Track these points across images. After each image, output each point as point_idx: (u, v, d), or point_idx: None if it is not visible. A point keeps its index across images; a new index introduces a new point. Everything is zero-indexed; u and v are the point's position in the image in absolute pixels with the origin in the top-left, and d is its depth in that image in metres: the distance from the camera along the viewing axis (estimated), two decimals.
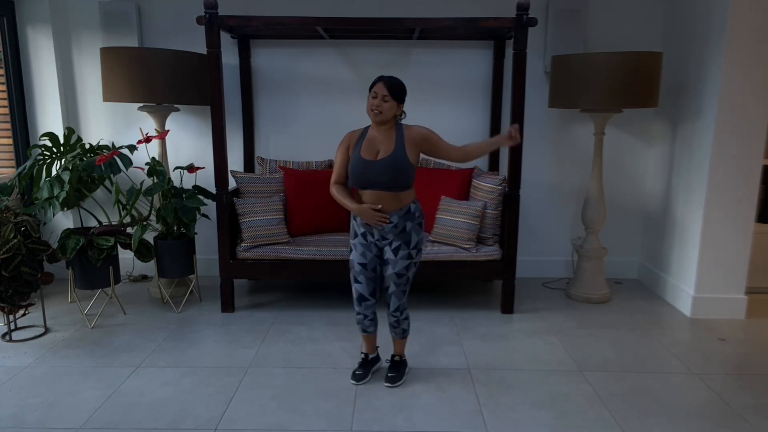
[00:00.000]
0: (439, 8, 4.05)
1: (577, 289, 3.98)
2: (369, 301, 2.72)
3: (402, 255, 2.62)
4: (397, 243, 2.61)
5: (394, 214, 2.58)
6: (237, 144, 4.27)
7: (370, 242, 2.67)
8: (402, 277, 2.65)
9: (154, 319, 3.60)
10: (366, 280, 2.69)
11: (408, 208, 2.61)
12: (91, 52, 4.17)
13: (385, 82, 2.51)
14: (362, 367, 2.84)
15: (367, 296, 2.71)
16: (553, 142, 4.28)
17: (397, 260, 2.62)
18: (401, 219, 2.59)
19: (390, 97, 2.51)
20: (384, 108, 2.51)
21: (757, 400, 2.67)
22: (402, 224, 2.60)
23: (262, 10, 4.06)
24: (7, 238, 3.06)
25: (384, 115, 2.52)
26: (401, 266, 2.63)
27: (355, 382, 2.78)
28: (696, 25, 3.67)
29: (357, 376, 2.80)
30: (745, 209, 3.56)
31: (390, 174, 2.53)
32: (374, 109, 2.51)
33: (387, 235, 2.62)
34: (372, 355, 2.89)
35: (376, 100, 2.51)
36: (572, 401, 2.64)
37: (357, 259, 2.68)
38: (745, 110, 3.43)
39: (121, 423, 2.45)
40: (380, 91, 2.51)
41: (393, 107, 2.53)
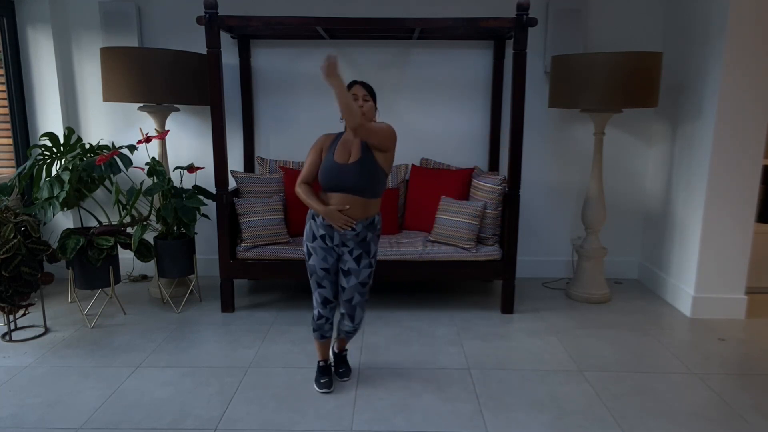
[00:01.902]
0: (439, 8, 4.05)
1: (577, 289, 3.98)
2: (333, 303, 2.68)
3: (364, 264, 2.60)
4: (358, 251, 2.58)
5: (359, 222, 2.54)
6: (237, 144, 4.27)
7: (330, 246, 2.61)
8: (365, 286, 2.64)
9: (154, 319, 3.60)
10: (330, 284, 2.64)
11: (372, 219, 2.58)
12: (91, 52, 4.17)
13: (363, 84, 2.54)
14: (325, 374, 2.77)
15: (332, 299, 2.66)
16: (553, 142, 4.28)
17: (360, 269, 2.59)
18: (364, 229, 2.56)
19: (369, 97, 2.52)
20: (366, 108, 2.49)
21: (757, 400, 2.67)
22: (364, 234, 2.57)
23: (262, 10, 4.06)
24: (7, 238, 3.06)
25: (366, 116, 2.49)
26: (365, 275, 2.61)
27: (327, 390, 2.71)
28: (696, 25, 3.67)
29: (324, 384, 2.72)
30: (745, 209, 3.56)
31: (362, 177, 2.48)
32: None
33: (347, 242, 2.57)
34: (329, 361, 2.84)
35: (357, 101, 2.49)
36: (572, 401, 2.64)
37: (319, 264, 2.61)
38: (745, 110, 3.43)
39: (121, 423, 2.45)
40: (360, 92, 2.51)
41: (372, 108, 2.53)
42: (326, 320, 2.69)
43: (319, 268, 2.62)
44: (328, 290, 2.65)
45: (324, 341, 2.76)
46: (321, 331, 2.71)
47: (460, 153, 4.23)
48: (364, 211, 2.54)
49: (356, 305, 2.64)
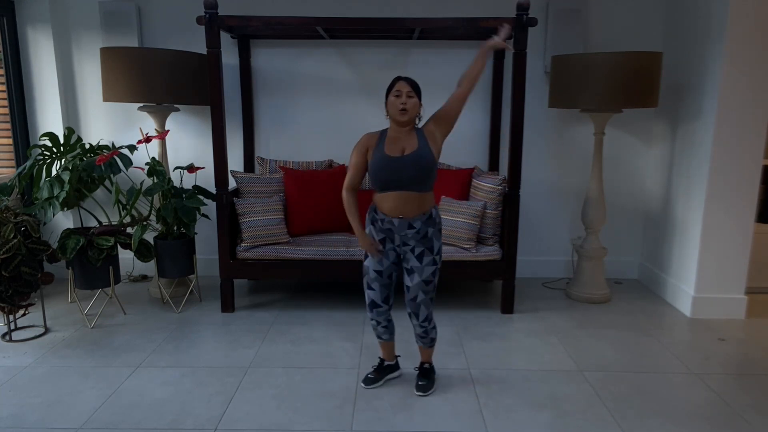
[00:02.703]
0: (439, 8, 4.05)
1: (577, 289, 3.98)
2: (381, 307, 2.62)
3: (427, 261, 2.51)
4: (420, 249, 2.51)
5: (417, 219, 2.47)
6: (237, 144, 4.27)
7: (389, 249, 2.56)
8: (430, 284, 2.54)
9: (154, 319, 3.60)
10: (380, 287, 2.58)
11: (430, 213, 2.50)
12: (91, 52, 4.17)
13: (407, 80, 2.46)
14: (376, 371, 2.78)
15: (380, 303, 2.61)
16: (553, 142, 4.28)
17: (423, 267, 2.51)
18: (423, 225, 2.49)
19: (414, 93, 2.45)
20: (409, 105, 2.43)
21: (757, 400, 2.67)
22: (424, 230, 2.49)
23: (262, 10, 4.06)
24: (7, 238, 3.06)
25: (410, 113, 2.44)
26: (428, 273, 2.52)
27: (364, 385, 2.73)
28: (696, 25, 3.67)
29: (368, 379, 2.74)
30: (745, 209, 3.56)
31: (417, 170, 2.42)
32: (401, 107, 2.42)
33: (408, 241, 2.51)
34: (389, 362, 2.81)
35: (401, 98, 2.43)
36: (572, 401, 2.64)
37: (373, 266, 2.56)
38: (745, 110, 3.43)
39: (121, 423, 2.45)
40: (403, 88, 2.44)
41: (416, 105, 2.46)
42: (377, 323, 2.66)
43: (372, 269, 2.57)
44: (376, 293, 2.59)
45: (382, 342, 2.75)
46: (376, 332, 2.71)
47: (460, 153, 4.23)
48: (420, 207, 2.47)
49: (420, 303, 2.55)
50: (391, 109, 2.47)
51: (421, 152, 2.44)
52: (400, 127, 2.49)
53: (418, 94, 2.49)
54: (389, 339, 2.75)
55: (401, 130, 2.50)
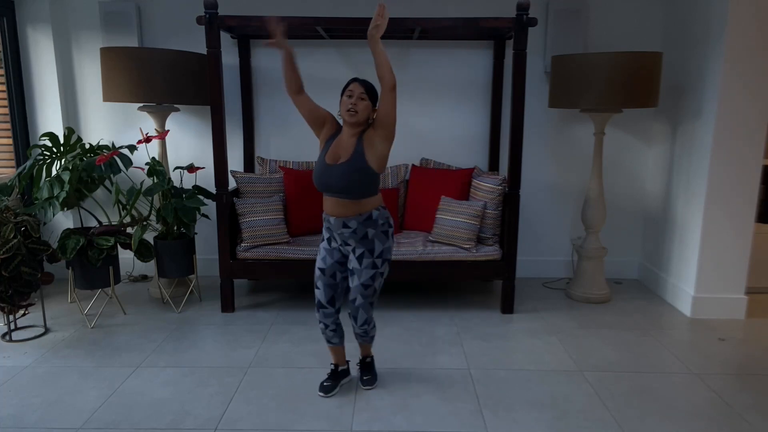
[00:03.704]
0: (439, 8, 4.05)
1: (577, 289, 3.98)
2: (327, 309, 2.59)
3: (366, 264, 2.49)
4: (361, 250, 2.49)
5: (352, 219, 2.46)
6: (237, 144, 4.27)
7: (333, 248, 2.57)
8: (368, 288, 2.51)
9: (154, 319, 3.60)
10: (324, 286, 2.58)
11: (369, 215, 2.47)
12: (91, 52, 4.17)
13: (361, 82, 2.44)
14: (331, 379, 2.73)
15: (324, 303, 2.59)
16: (553, 142, 4.28)
17: (362, 269, 2.49)
18: (361, 225, 2.46)
19: (366, 96, 2.42)
20: (360, 107, 2.40)
21: (757, 400, 2.67)
22: (363, 231, 2.47)
23: (262, 10, 4.06)
24: (7, 238, 3.06)
25: (359, 115, 2.41)
26: (366, 276, 2.50)
27: (323, 393, 2.67)
28: (696, 25, 3.67)
29: (325, 387, 2.69)
30: (745, 209, 3.56)
31: (346, 181, 2.41)
32: (350, 108, 2.40)
33: (348, 241, 2.50)
34: (342, 367, 2.78)
35: (351, 98, 2.41)
36: (572, 401, 2.64)
37: (318, 263, 2.59)
38: (745, 110, 3.43)
39: (121, 423, 2.45)
40: (356, 89, 2.42)
41: (368, 108, 2.43)
42: (325, 326, 2.63)
43: (317, 266, 2.60)
44: (321, 292, 2.59)
45: (332, 346, 2.72)
46: (325, 335, 2.67)
47: (460, 153, 4.23)
48: (356, 209, 2.46)
49: (359, 306, 2.54)
50: (341, 109, 2.46)
51: (351, 163, 2.41)
52: (350, 128, 2.47)
53: (371, 97, 2.45)
54: (339, 343, 2.71)
55: (349, 132, 2.47)
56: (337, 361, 2.77)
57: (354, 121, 2.43)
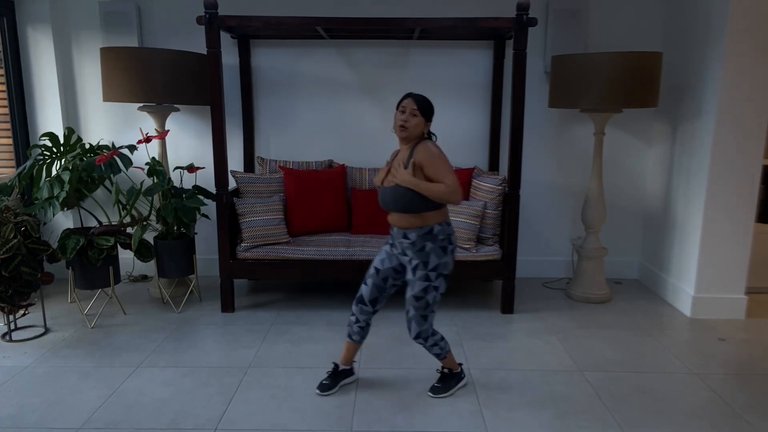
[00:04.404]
0: (439, 8, 4.05)
1: (577, 289, 3.98)
2: (366, 306, 2.62)
3: (419, 276, 2.48)
4: (416, 262, 2.49)
5: (413, 231, 2.46)
6: (237, 144, 4.27)
7: (393, 253, 2.59)
8: (419, 300, 2.49)
9: (154, 319, 3.60)
10: (373, 285, 2.60)
11: (430, 229, 2.45)
12: (91, 52, 4.17)
13: (414, 98, 2.43)
14: (330, 377, 2.73)
15: (366, 301, 2.62)
16: (553, 142, 4.28)
17: (415, 281, 2.49)
18: (420, 239, 2.45)
19: (418, 112, 2.41)
20: (411, 124, 2.41)
21: (757, 400, 2.67)
22: (420, 244, 2.46)
23: (262, 10, 4.06)
24: (7, 238, 3.06)
25: (410, 131, 2.41)
26: (418, 288, 2.48)
27: (319, 391, 2.68)
28: (696, 25, 3.67)
29: (323, 386, 2.69)
30: (745, 209, 3.56)
31: (393, 200, 2.44)
32: (401, 123, 2.41)
33: (406, 251, 2.51)
34: (344, 367, 2.76)
35: (404, 114, 2.41)
36: (572, 401, 2.64)
37: (375, 262, 2.63)
38: (745, 110, 3.43)
39: (121, 423, 2.45)
40: (409, 105, 2.41)
41: (420, 124, 2.42)
42: (356, 320, 2.65)
43: (373, 264, 2.63)
44: (368, 289, 2.62)
45: (349, 342, 2.71)
46: (349, 328, 2.69)
47: (460, 153, 4.23)
48: (414, 222, 2.45)
49: (411, 319, 2.53)
50: (394, 124, 2.47)
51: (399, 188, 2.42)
52: (402, 143, 2.51)
53: (424, 112, 2.44)
54: (357, 341, 2.70)
55: (404, 147, 2.52)
56: (344, 358, 2.75)
57: (405, 136, 2.44)
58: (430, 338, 2.57)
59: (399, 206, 2.45)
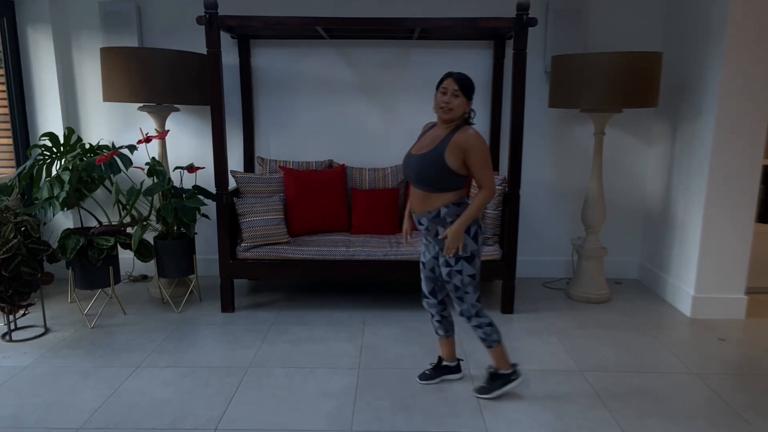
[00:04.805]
0: (439, 8, 4.05)
1: (577, 289, 3.98)
2: (429, 299, 2.69)
3: (442, 261, 2.50)
4: (437, 248, 2.55)
5: (423, 216, 2.49)
6: (237, 144, 4.27)
7: (430, 242, 2.61)
8: (448, 284, 2.52)
9: (154, 319, 3.60)
10: (424, 278, 2.67)
11: (437, 212, 2.45)
12: (91, 52, 4.17)
13: (455, 78, 2.38)
14: (432, 369, 2.80)
15: (427, 294, 2.69)
16: (553, 142, 4.28)
17: (441, 266, 2.53)
18: (431, 222, 2.47)
19: (460, 92, 2.37)
20: (454, 104, 2.37)
21: (757, 400, 2.67)
22: (433, 228, 2.48)
23: (262, 10, 4.06)
24: (7, 238, 3.06)
25: (454, 112, 2.38)
26: (444, 273, 2.52)
27: (419, 379, 2.78)
28: (696, 25, 3.67)
29: (424, 375, 2.78)
30: (745, 209, 3.56)
31: (417, 170, 2.42)
32: (443, 105, 2.38)
33: (428, 237, 2.57)
34: (447, 362, 2.78)
35: (446, 96, 2.37)
36: (572, 401, 2.64)
37: (420, 256, 2.69)
38: (745, 110, 3.43)
39: (121, 423, 2.45)
40: (450, 86, 2.37)
41: (463, 104, 2.39)
42: (431, 316, 2.73)
43: (420, 259, 2.69)
44: (424, 283, 2.68)
45: (438, 338, 2.78)
46: (433, 326, 2.76)
47: None
48: (424, 205, 2.47)
49: (453, 299, 2.57)
50: (435, 105, 2.43)
51: (428, 155, 2.42)
52: (442, 123, 2.47)
53: (466, 92, 2.39)
54: (444, 335, 2.76)
55: (443, 126, 2.47)
56: (444, 354, 2.80)
57: (448, 118, 2.41)
58: (473, 318, 2.57)
59: (419, 177, 2.44)
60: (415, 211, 2.54)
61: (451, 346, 2.79)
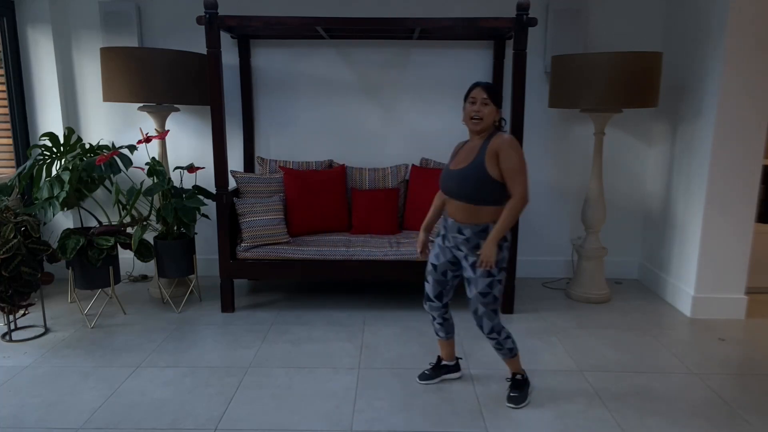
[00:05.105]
0: (439, 8, 4.05)
1: (577, 289, 3.98)
2: (434, 303, 2.65)
3: (481, 272, 2.44)
4: (473, 259, 2.46)
5: (467, 227, 2.44)
6: (237, 144, 4.27)
7: (447, 246, 2.56)
8: (487, 296, 2.46)
9: (154, 319, 3.60)
10: (434, 281, 2.62)
11: (485, 227, 2.42)
12: (91, 52, 4.17)
13: (483, 86, 2.39)
14: (432, 369, 2.80)
15: (432, 297, 2.65)
16: (553, 142, 4.28)
17: (478, 278, 2.45)
18: (474, 235, 2.44)
19: (489, 100, 2.38)
20: (484, 113, 2.38)
21: (757, 400, 2.67)
22: (475, 241, 2.44)
23: (262, 10, 4.06)
24: (7, 238, 3.06)
25: (484, 121, 2.38)
26: (483, 285, 2.44)
27: (418, 380, 2.78)
28: (696, 25, 3.67)
29: (424, 375, 2.79)
30: (745, 209, 3.56)
31: (461, 185, 2.41)
32: (474, 116, 2.38)
33: (461, 247, 2.49)
34: (446, 362, 2.80)
35: (475, 105, 2.38)
36: (572, 401, 2.64)
37: (430, 258, 2.63)
38: (745, 110, 3.43)
39: (121, 423, 2.45)
40: (479, 95, 2.38)
41: (492, 112, 2.39)
42: (432, 318, 2.71)
43: (430, 261, 2.63)
44: (430, 286, 2.65)
45: (439, 339, 2.78)
46: (433, 327, 2.75)
47: None
48: (472, 216, 2.43)
49: (482, 316, 2.49)
50: (465, 117, 2.43)
51: (468, 168, 2.40)
52: (473, 134, 2.47)
53: (495, 100, 2.40)
54: (445, 337, 2.76)
55: (474, 138, 2.47)
56: (444, 355, 2.81)
57: (479, 129, 2.41)
58: (502, 331, 2.55)
59: (463, 192, 2.42)
60: (456, 219, 2.47)
61: (452, 347, 2.80)
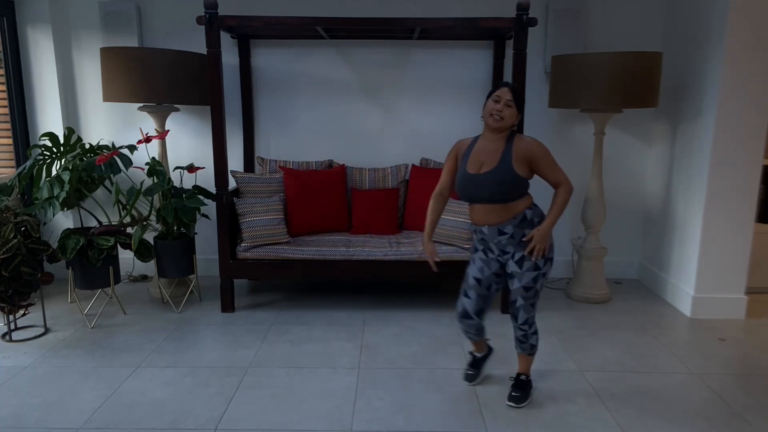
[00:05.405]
0: (439, 8, 4.05)
1: (577, 289, 3.98)
2: (473, 320, 2.58)
3: (528, 266, 2.43)
4: (520, 254, 2.44)
5: (507, 224, 2.42)
6: (237, 144, 4.27)
7: (491, 258, 2.53)
8: (530, 290, 2.46)
9: (154, 319, 3.60)
10: (477, 297, 2.55)
11: (523, 216, 2.42)
12: (91, 52, 4.17)
13: (511, 87, 2.38)
14: (473, 367, 2.79)
15: (472, 314, 2.57)
16: (553, 142, 4.27)
17: (523, 273, 2.44)
18: (517, 228, 2.42)
19: (513, 103, 2.37)
20: (506, 113, 2.36)
21: (757, 400, 2.67)
22: (520, 233, 2.42)
23: (262, 10, 4.06)
24: (7, 238, 3.06)
25: (505, 121, 2.37)
26: (528, 279, 2.44)
27: (467, 382, 2.77)
28: (696, 25, 3.67)
29: (469, 376, 2.77)
30: (745, 209, 3.56)
31: (493, 189, 2.38)
32: (495, 114, 2.36)
33: (506, 248, 2.46)
34: (480, 354, 2.81)
35: (498, 104, 2.37)
36: (572, 401, 2.64)
37: (473, 272, 2.55)
38: (745, 110, 3.43)
39: (121, 423, 2.45)
40: (504, 95, 2.37)
41: (513, 114, 2.39)
42: (466, 333, 2.68)
43: (472, 276, 2.56)
44: (471, 302, 2.56)
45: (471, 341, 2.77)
46: (466, 335, 2.72)
47: None
48: (506, 214, 2.42)
49: (519, 307, 2.49)
50: (486, 113, 2.41)
51: (497, 172, 2.39)
52: (492, 133, 2.44)
53: (519, 103, 2.40)
54: (480, 339, 2.76)
55: (492, 137, 2.44)
56: (476, 348, 2.81)
57: (498, 127, 2.39)
58: (533, 326, 2.54)
59: (495, 195, 2.39)
60: (491, 224, 2.44)
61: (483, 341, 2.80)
